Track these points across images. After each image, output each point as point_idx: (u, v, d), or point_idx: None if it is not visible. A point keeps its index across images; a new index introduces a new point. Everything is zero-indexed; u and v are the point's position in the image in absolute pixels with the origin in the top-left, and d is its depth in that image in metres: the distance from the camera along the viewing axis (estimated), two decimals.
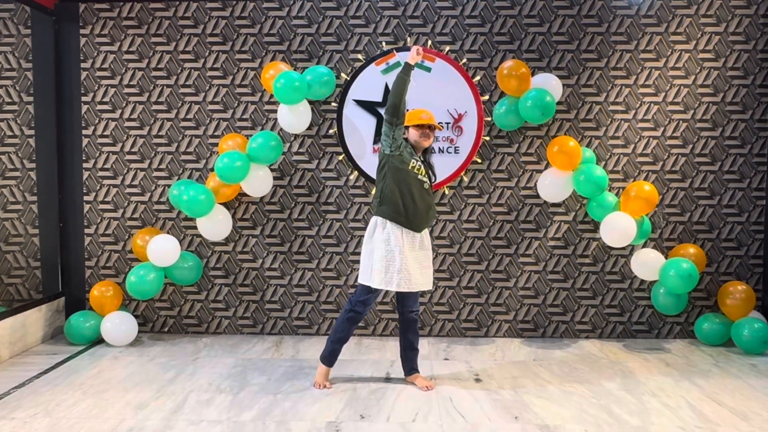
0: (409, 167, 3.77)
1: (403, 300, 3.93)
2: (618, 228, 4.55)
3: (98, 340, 4.83)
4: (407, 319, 3.95)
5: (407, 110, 3.86)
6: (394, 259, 3.73)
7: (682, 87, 4.92)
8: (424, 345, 4.78)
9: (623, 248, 4.95)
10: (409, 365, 4.01)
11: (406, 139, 3.90)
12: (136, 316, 5.05)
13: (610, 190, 4.90)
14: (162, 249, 4.67)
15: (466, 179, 4.98)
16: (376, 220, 3.83)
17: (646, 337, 5.02)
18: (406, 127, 3.89)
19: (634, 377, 4.10)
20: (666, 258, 4.78)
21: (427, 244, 3.89)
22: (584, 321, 5.03)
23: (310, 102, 4.89)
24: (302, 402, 3.67)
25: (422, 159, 3.94)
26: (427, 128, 3.87)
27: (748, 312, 4.69)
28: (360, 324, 5.01)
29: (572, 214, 4.98)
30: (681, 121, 4.94)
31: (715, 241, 4.98)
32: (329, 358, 3.95)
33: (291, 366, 4.31)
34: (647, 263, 4.72)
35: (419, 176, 3.80)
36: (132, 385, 3.92)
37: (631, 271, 4.89)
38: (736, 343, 4.66)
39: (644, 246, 4.93)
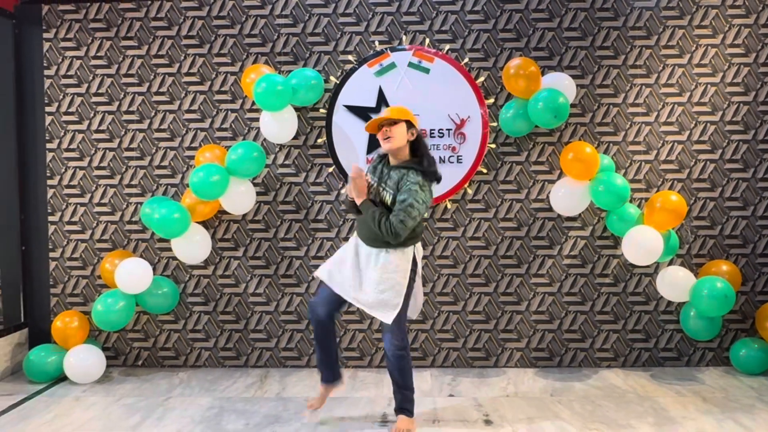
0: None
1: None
2: (642, 244, 4.06)
3: (62, 377, 4.32)
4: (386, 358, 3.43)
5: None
6: (344, 254, 3.47)
7: (708, 86, 4.44)
8: (426, 378, 4.26)
9: (648, 266, 4.44)
10: (395, 402, 3.47)
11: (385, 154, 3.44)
12: (106, 349, 4.56)
13: (631, 202, 4.40)
14: (131, 274, 4.18)
15: (470, 191, 4.48)
16: None
17: (675, 365, 4.48)
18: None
19: (668, 416, 3.57)
20: (696, 276, 4.27)
21: (367, 262, 3.34)
22: (605, 348, 4.50)
23: (296, 108, 4.42)
24: None
25: (388, 172, 3.35)
26: (384, 127, 3.29)
27: None
28: (355, 354, 4.53)
29: (590, 229, 4.48)
30: (709, 124, 4.45)
31: (750, 256, 4.46)
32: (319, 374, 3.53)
33: (275, 406, 3.79)
34: (675, 283, 4.22)
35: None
36: None
37: (657, 292, 4.38)
38: None
39: (671, 263, 4.43)
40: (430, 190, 3.27)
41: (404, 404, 3.41)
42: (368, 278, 3.30)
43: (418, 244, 3.40)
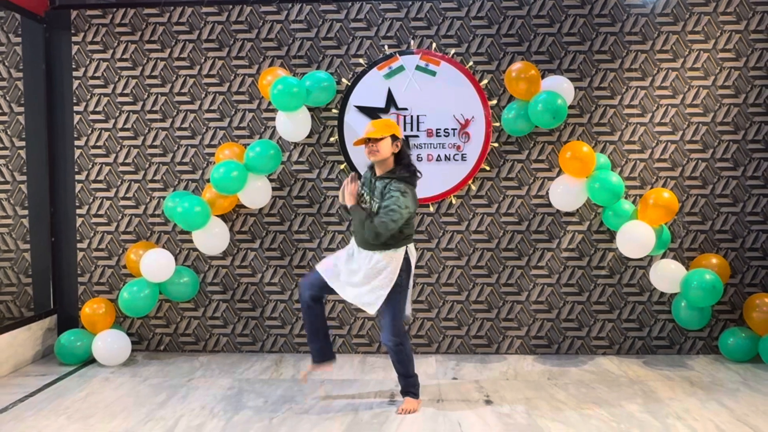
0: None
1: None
2: (636, 238, 4.31)
3: (90, 360, 4.61)
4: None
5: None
6: (342, 254, 3.76)
7: (701, 88, 4.67)
8: (432, 363, 4.53)
9: (641, 259, 4.69)
10: (400, 385, 3.77)
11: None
12: (130, 334, 4.84)
13: (626, 198, 4.64)
14: (156, 264, 4.46)
15: (474, 188, 4.75)
16: None
17: (667, 353, 4.74)
18: None
19: (656, 398, 3.83)
20: (687, 269, 4.52)
21: (360, 264, 3.62)
22: (601, 336, 4.76)
23: (310, 109, 4.69)
24: (299, 428, 3.42)
25: (375, 182, 3.64)
26: (370, 143, 3.56)
27: None
28: (364, 341, 4.79)
29: (587, 224, 4.73)
30: (700, 125, 4.69)
31: (739, 250, 4.71)
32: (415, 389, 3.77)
33: (290, 387, 4.07)
34: (667, 275, 4.46)
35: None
36: (120, 409, 3.70)
37: (650, 284, 4.63)
38: (763, 359, 4.39)
39: (663, 256, 4.67)
40: (412, 196, 3.52)
41: (408, 388, 3.70)
42: (360, 275, 3.58)
43: (411, 245, 3.64)
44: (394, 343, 3.57)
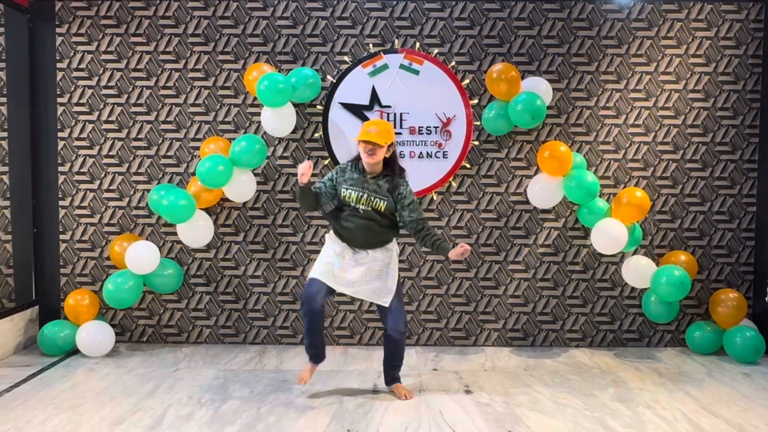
0: (352, 204, 3.74)
1: (382, 317, 3.85)
2: (609, 235, 4.47)
3: (73, 351, 4.64)
4: (386, 337, 3.85)
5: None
6: (333, 259, 3.76)
7: (672, 92, 4.86)
8: (412, 355, 4.66)
9: (614, 255, 4.87)
10: (389, 376, 3.92)
11: (357, 162, 3.80)
12: (113, 326, 4.85)
13: (600, 196, 4.81)
14: (141, 256, 4.51)
15: (454, 184, 4.87)
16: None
17: (636, 345, 4.94)
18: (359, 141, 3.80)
19: (627, 388, 4.01)
20: (657, 265, 4.71)
21: (364, 262, 3.76)
22: (574, 329, 4.94)
23: (295, 105, 4.76)
24: (287, 416, 3.52)
25: (372, 181, 3.75)
26: (370, 144, 3.65)
27: (739, 320, 4.64)
28: (346, 333, 4.90)
29: (562, 221, 4.90)
30: (672, 127, 4.88)
31: (706, 248, 4.92)
32: (309, 355, 3.89)
33: (275, 377, 4.16)
34: (638, 270, 4.65)
35: (359, 206, 3.73)
36: (108, 398, 3.75)
37: (622, 279, 4.82)
38: (727, 352, 4.60)
39: (635, 253, 4.86)
40: None
41: (398, 374, 3.90)
42: (373, 272, 3.74)
43: None
44: (402, 332, 3.77)
